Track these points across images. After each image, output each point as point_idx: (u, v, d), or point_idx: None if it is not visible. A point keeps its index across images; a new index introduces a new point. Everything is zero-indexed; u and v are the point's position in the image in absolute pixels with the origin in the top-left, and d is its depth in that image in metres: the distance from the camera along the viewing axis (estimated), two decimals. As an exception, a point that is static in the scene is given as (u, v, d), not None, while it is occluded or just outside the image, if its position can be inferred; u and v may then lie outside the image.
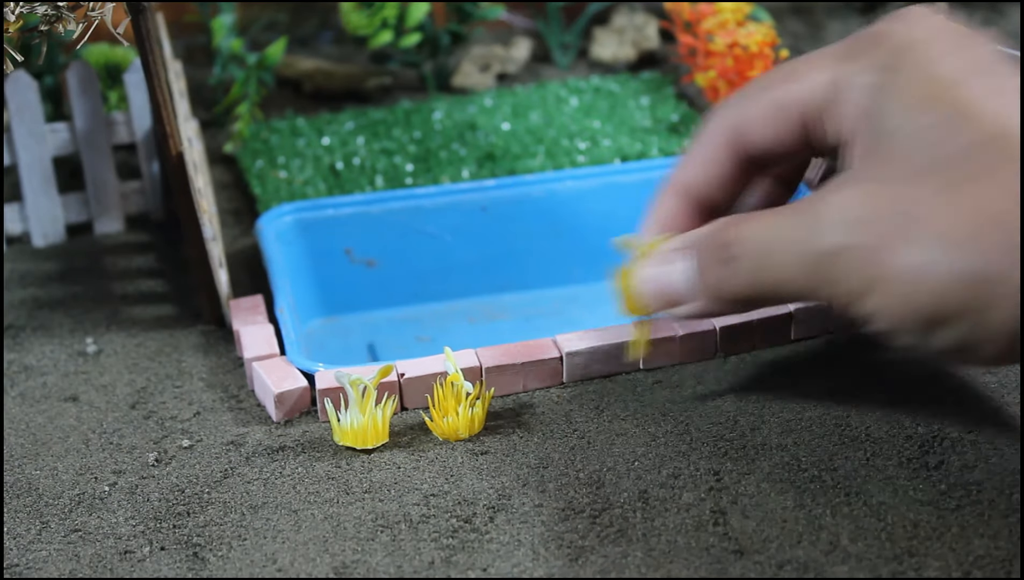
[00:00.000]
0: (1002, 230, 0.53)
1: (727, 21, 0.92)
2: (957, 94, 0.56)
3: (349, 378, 0.66)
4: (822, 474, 0.63)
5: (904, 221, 0.54)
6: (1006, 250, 0.52)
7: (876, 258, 0.55)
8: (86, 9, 0.68)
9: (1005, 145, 0.54)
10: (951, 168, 0.54)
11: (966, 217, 0.53)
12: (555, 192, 0.83)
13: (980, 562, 0.57)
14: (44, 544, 0.62)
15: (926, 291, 0.54)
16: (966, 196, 0.54)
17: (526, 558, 0.59)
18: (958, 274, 0.53)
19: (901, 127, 0.57)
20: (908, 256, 0.54)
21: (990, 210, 0.53)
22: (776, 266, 0.58)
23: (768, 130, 0.62)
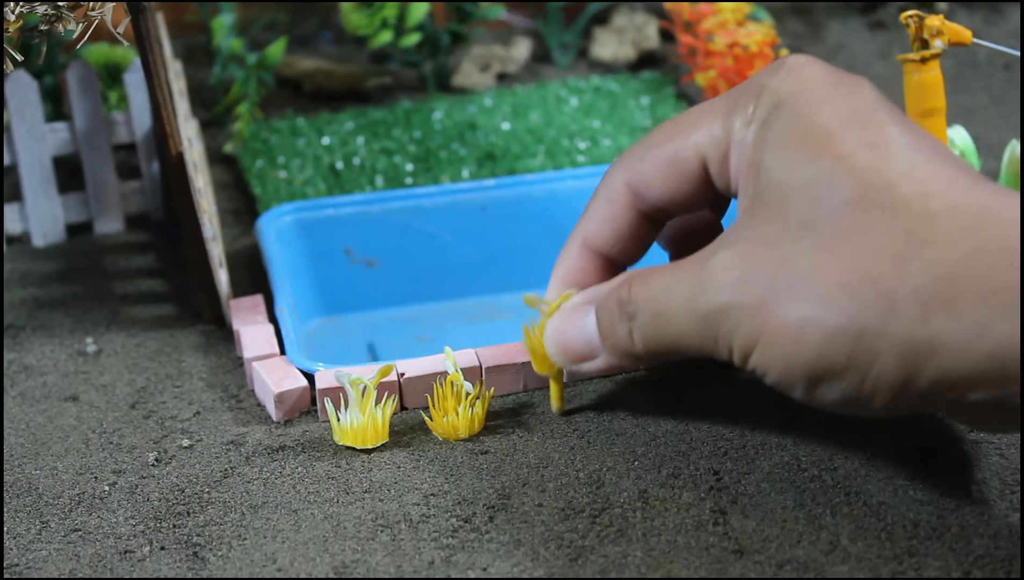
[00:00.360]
0: (876, 287, 0.54)
1: (727, 21, 0.92)
2: (831, 149, 0.57)
3: (349, 378, 0.66)
4: (822, 474, 0.63)
5: (784, 279, 0.56)
6: (881, 307, 0.54)
7: (759, 316, 0.56)
8: (86, 9, 0.68)
9: (877, 201, 0.55)
10: (826, 225, 0.56)
11: (841, 275, 0.55)
12: (555, 192, 0.83)
13: (980, 562, 0.57)
14: (44, 544, 0.62)
15: (806, 348, 0.55)
16: (841, 254, 0.55)
17: (526, 558, 0.59)
18: (835, 332, 0.55)
19: (780, 183, 0.58)
20: (787, 314, 0.55)
21: (864, 268, 0.54)
22: (671, 325, 0.59)
23: (665, 186, 0.63)
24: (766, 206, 0.58)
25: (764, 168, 0.58)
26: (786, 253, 0.56)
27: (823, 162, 0.57)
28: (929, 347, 0.53)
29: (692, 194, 0.63)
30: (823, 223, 0.56)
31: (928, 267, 0.53)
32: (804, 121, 0.58)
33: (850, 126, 0.57)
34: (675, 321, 0.59)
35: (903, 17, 0.71)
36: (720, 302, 0.57)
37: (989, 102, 0.97)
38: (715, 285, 0.57)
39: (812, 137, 0.57)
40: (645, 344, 0.61)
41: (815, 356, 0.55)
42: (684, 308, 0.59)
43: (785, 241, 0.56)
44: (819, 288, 0.55)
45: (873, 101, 0.59)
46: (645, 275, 0.61)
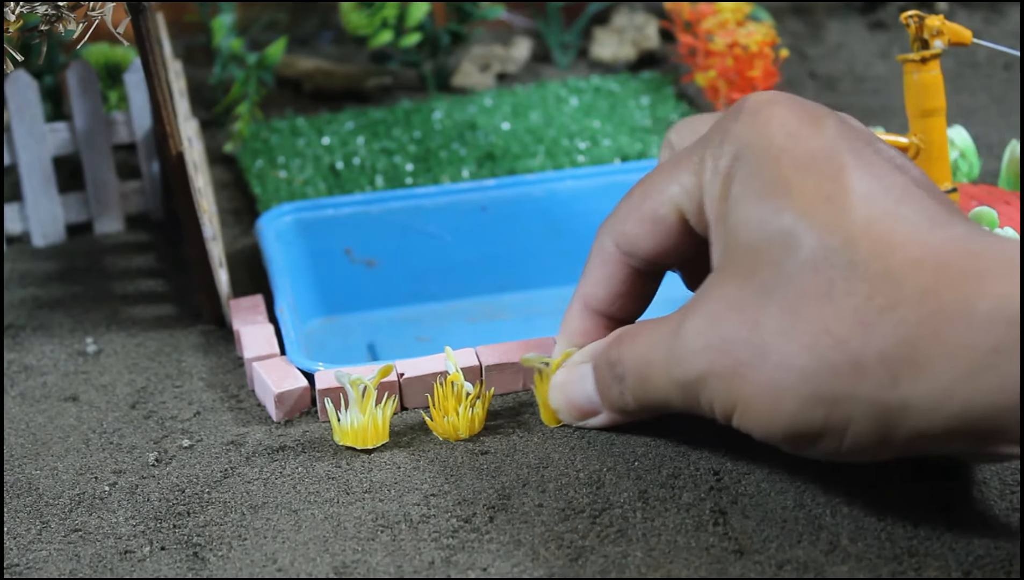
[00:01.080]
0: (843, 352, 0.54)
1: (727, 21, 0.92)
2: (790, 204, 0.56)
3: (349, 378, 0.66)
4: (822, 474, 0.62)
5: (752, 347, 0.56)
6: (849, 371, 0.54)
7: (733, 384, 0.57)
8: (86, 9, 0.68)
9: (837, 261, 0.55)
10: (789, 288, 0.55)
11: (808, 341, 0.55)
12: (555, 192, 0.83)
13: (980, 562, 0.57)
14: (44, 544, 0.62)
15: (781, 415, 0.56)
16: (806, 319, 0.55)
17: (526, 558, 0.59)
18: (807, 399, 0.55)
19: (744, 242, 0.57)
20: (759, 383, 0.56)
21: (830, 332, 0.54)
22: (655, 389, 0.61)
23: (651, 242, 0.63)
24: (733, 266, 0.58)
25: (729, 225, 0.58)
26: (754, 317, 0.56)
27: (782, 219, 0.56)
28: (901, 409, 0.54)
29: (679, 246, 0.62)
30: (786, 285, 0.56)
31: (892, 330, 0.53)
32: (763, 174, 0.57)
33: (808, 176, 0.57)
34: (658, 387, 0.60)
35: (903, 17, 0.71)
36: (694, 372, 0.58)
37: (989, 102, 0.97)
38: (687, 354, 0.58)
39: (771, 191, 0.57)
40: (637, 404, 0.62)
41: (791, 422, 0.56)
42: (663, 375, 0.60)
43: (752, 304, 0.56)
44: (788, 355, 0.55)
45: (835, 141, 0.58)
46: (631, 336, 0.62)
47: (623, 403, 0.63)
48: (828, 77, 1.02)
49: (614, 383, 0.63)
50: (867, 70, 1.02)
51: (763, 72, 0.90)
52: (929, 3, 1.08)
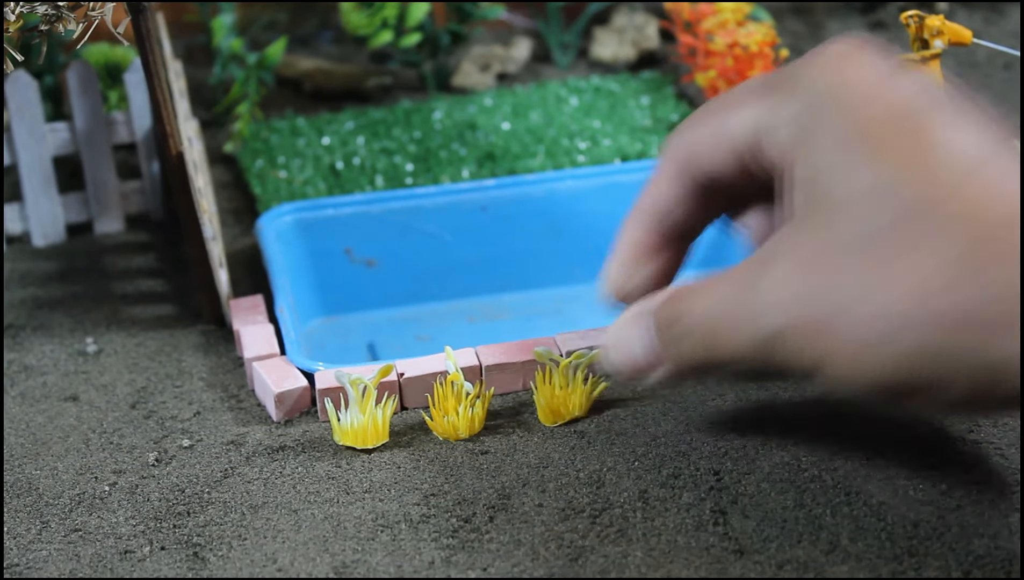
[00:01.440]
0: (946, 302, 0.52)
1: (727, 21, 0.92)
2: (879, 156, 0.54)
3: (349, 378, 0.66)
4: (822, 474, 0.63)
5: (847, 298, 0.54)
6: (950, 324, 0.52)
7: (823, 338, 0.54)
8: (86, 9, 0.68)
9: (930, 215, 0.53)
10: (880, 241, 0.54)
11: (901, 296, 0.53)
12: (555, 192, 0.83)
13: (980, 562, 0.57)
14: (44, 544, 0.62)
15: (877, 369, 0.53)
16: (898, 273, 0.53)
17: (526, 558, 0.59)
18: (900, 355, 0.53)
19: (828, 192, 0.55)
20: (849, 338, 0.53)
21: (930, 284, 0.52)
22: (726, 345, 0.57)
23: (711, 156, 0.61)
24: (815, 216, 0.55)
25: (810, 173, 0.56)
26: (842, 269, 0.54)
27: (872, 171, 0.54)
28: (1003, 362, 0.52)
29: (734, 169, 0.61)
30: (877, 239, 0.54)
31: (987, 287, 0.52)
32: (849, 121, 0.55)
33: (898, 129, 0.55)
34: (730, 342, 0.57)
35: (903, 17, 0.71)
36: (776, 326, 0.55)
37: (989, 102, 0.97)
38: (771, 307, 0.55)
39: (859, 141, 0.55)
40: (700, 361, 0.59)
41: (885, 377, 0.53)
42: (738, 330, 0.56)
43: (839, 255, 0.54)
44: (880, 309, 0.53)
45: (924, 93, 0.56)
46: (697, 291, 0.59)
47: (685, 360, 0.59)
48: (828, 77, 1.01)
49: (676, 339, 0.59)
50: (867, 70, 1.02)
51: (763, 72, 0.90)
52: (929, 3, 1.08)
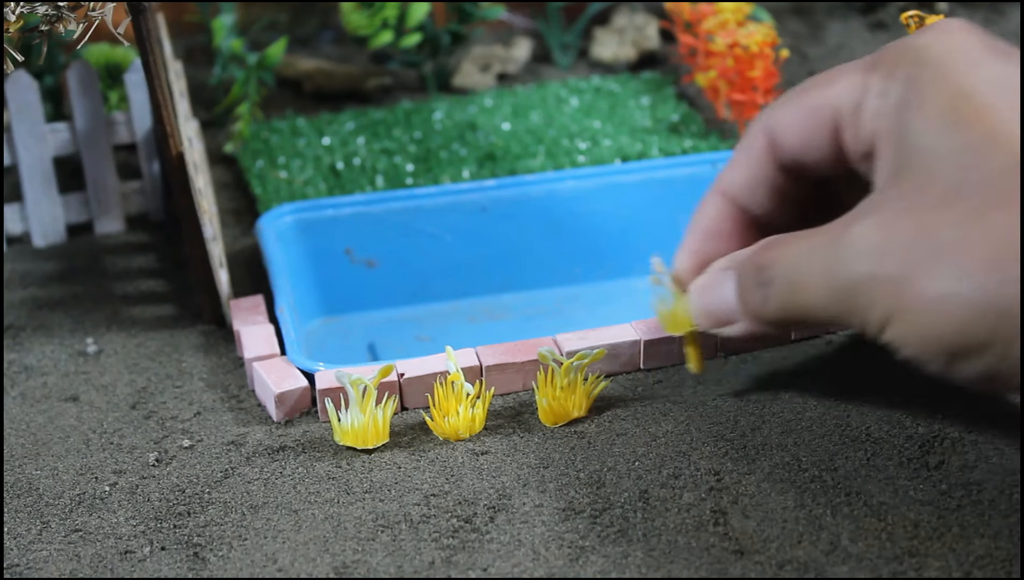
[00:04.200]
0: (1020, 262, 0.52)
1: (727, 21, 0.92)
2: (983, 115, 0.55)
3: (349, 378, 0.66)
4: (822, 474, 0.63)
5: (926, 251, 0.54)
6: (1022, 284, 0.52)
7: (898, 289, 0.54)
8: (86, 9, 0.68)
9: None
10: (975, 195, 0.54)
11: (989, 248, 0.52)
12: (555, 192, 0.83)
13: (980, 562, 0.57)
14: (44, 544, 0.62)
15: (947, 323, 0.53)
16: (990, 226, 0.53)
17: (526, 558, 0.59)
18: (980, 307, 0.52)
19: (926, 147, 0.56)
20: (930, 287, 0.53)
21: (1014, 241, 0.52)
22: (805, 293, 0.58)
23: (800, 134, 0.61)
24: (910, 173, 0.56)
25: (909, 132, 0.56)
26: (930, 223, 0.54)
27: (973, 130, 0.55)
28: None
29: (824, 147, 0.61)
30: (971, 193, 0.54)
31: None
32: (953, 85, 0.56)
33: (1002, 94, 0.55)
34: (810, 291, 0.57)
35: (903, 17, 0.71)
36: (857, 274, 0.55)
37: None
38: (853, 256, 0.55)
39: (962, 102, 0.55)
40: (779, 312, 0.59)
41: (955, 332, 0.53)
42: (819, 278, 0.57)
43: (930, 210, 0.54)
44: (964, 262, 0.53)
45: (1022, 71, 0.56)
46: (784, 241, 0.59)
47: (765, 311, 0.60)
48: (828, 77, 1.02)
49: (759, 288, 0.60)
50: (867, 70, 1.02)
51: (763, 72, 0.90)
52: (929, 3, 1.08)
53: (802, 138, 0.62)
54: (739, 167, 0.64)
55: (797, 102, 0.62)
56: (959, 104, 0.56)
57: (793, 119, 0.62)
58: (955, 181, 0.54)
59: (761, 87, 0.90)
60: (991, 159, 0.54)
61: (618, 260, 0.83)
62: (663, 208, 0.83)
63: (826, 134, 0.61)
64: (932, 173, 0.55)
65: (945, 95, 0.56)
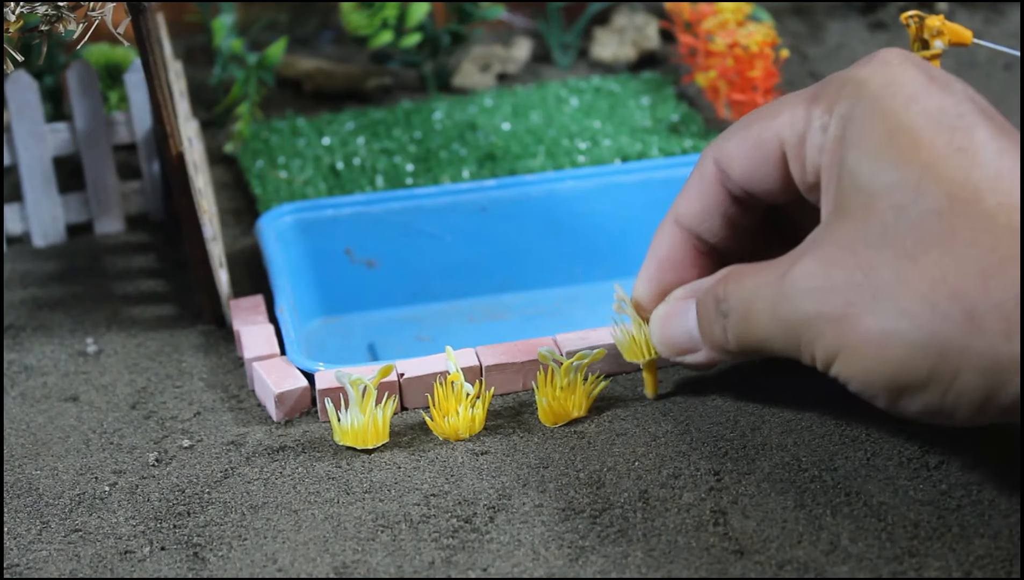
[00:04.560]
0: (959, 302, 0.53)
1: (727, 21, 0.92)
2: (918, 152, 0.56)
3: (349, 378, 0.66)
4: (822, 474, 0.63)
5: (866, 290, 0.55)
6: (963, 322, 0.53)
7: (841, 327, 0.56)
8: (86, 9, 0.68)
9: (962, 211, 0.54)
10: (910, 235, 0.55)
11: (924, 289, 0.54)
12: (555, 192, 0.83)
13: (980, 562, 0.57)
14: (44, 544, 0.62)
15: (889, 361, 0.55)
16: (924, 266, 0.54)
17: (526, 558, 0.59)
18: (917, 346, 0.54)
19: (864, 184, 0.57)
20: (871, 326, 0.55)
21: (947, 282, 0.54)
22: (758, 327, 0.59)
23: (748, 166, 0.63)
24: (850, 209, 0.57)
25: (848, 168, 0.57)
26: (869, 261, 0.55)
27: (909, 167, 0.55)
28: (1012, 365, 0.53)
29: (772, 178, 0.62)
30: (907, 232, 0.55)
31: (1011, 284, 0.53)
32: (890, 119, 0.57)
33: (938, 128, 0.56)
34: (761, 325, 0.59)
35: (903, 17, 0.71)
36: (802, 312, 0.57)
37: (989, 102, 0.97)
38: (797, 294, 0.57)
39: (898, 138, 0.56)
40: (737, 343, 0.61)
41: (896, 370, 0.55)
42: (769, 314, 0.59)
43: (868, 248, 0.56)
44: (902, 301, 0.54)
45: (963, 101, 0.57)
46: (740, 274, 0.61)
47: (723, 341, 0.62)
48: (828, 77, 1.02)
49: (717, 319, 0.62)
50: (867, 70, 1.02)
51: (763, 72, 0.90)
52: (929, 3, 1.08)
53: (750, 170, 0.63)
54: (692, 197, 0.65)
55: (744, 134, 0.63)
56: (895, 140, 0.57)
57: (740, 151, 0.63)
58: (891, 219, 0.56)
59: (761, 87, 0.90)
60: (924, 198, 0.55)
61: (618, 260, 0.83)
62: (663, 208, 0.83)
63: (773, 166, 0.62)
64: (870, 210, 0.56)
65: (881, 131, 0.57)
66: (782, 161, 0.61)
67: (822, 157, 0.59)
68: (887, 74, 0.58)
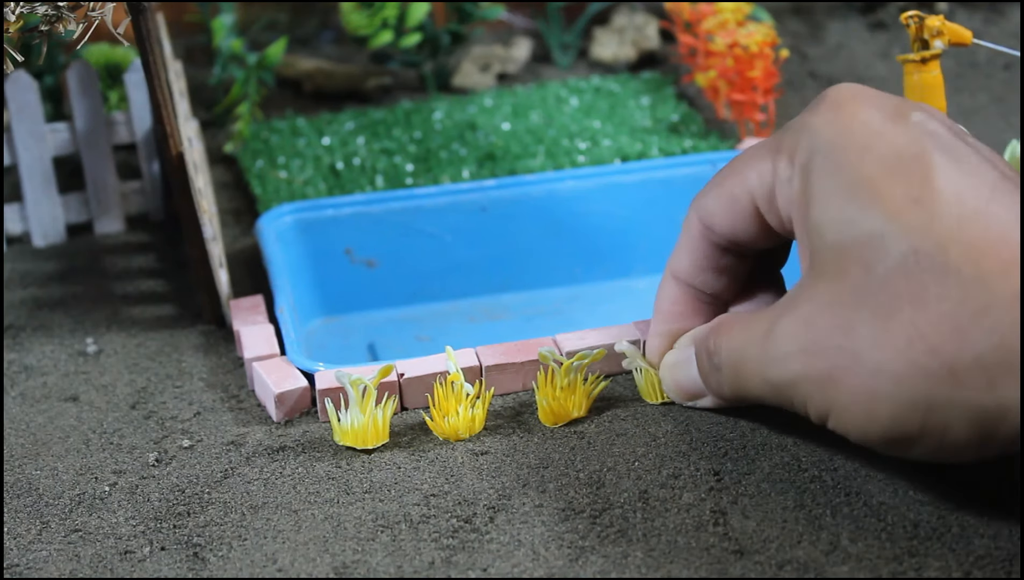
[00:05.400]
0: (938, 357, 0.54)
1: (727, 21, 0.92)
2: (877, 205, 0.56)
3: (349, 378, 0.66)
4: (822, 474, 0.63)
5: (846, 352, 0.56)
6: (945, 376, 0.54)
7: (827, 388, 0.57)
8: (86, 9, 0.68)
9: (929, 265, 0.54)
10: (882, 293, 0.55)
11: (902, 347, 0.54)
12: (555, 192, 0.83)
13: (980, 562, 0.57)
14: (44, 544, 0.62)
15: (878, 419, 0.56)
16: (900, 324, 0.55)
17: (526, 558, 0.59)
18: (904, 405, 0.55)
19: (831, 242, 0.57)
20: (855, 387, 0.56)
21: (924, 339, 0.54)
22: (748, 384, 0.61)
23: (727, 220, 0.63)
24: (822, 267, 0.57)
25: (816, 225, 0.58)
26: (846, 321, 0.56)
27: (870, 222, 0.56)
28: (999, 411, 0.53)
29: (752, 229, 0.63)
30: (879, 290, 0.55)
31: (986, 335, 0.53)
32: (847, 172, 0.57)
33: (894, 177, 0.56)
34: (752, 384, 0.60)
35: (903, 17, 0.71)
36: (787, 376, 0.58)
37: (989, 102, 0.97)
38: (780, 357, 0.58)
39: (856, 191, 0.56)
40: (732, 394, 0.63)
41: (888, 426, 0.56)
42: (756, 374, 0.60)
43: (844, 308, 0.56)
44: (882, 361, 0.55)
45: (920, 138, 0.57)
46: (728, 327, 0.62)
47: (720, 391, 0.63)
48: (828, 77, 1.02)
49: (712, 371, 0.63)
50: (867, 70, 1.02)
51: (763, 72, 0.90)
52: (929, 3, 1.08)
53: (730, 224, 0.63)
54: (683, 252, 0.66)
55: (719, 190, 0.63)
56: (854, 194, 0.57)
57: (717, 206, 0.63)
58: (862, 277, 0.56)
59: (761, 87, 0.90)
60: (890, 255, 0.55)
61: (618, 260, 0.83)
62: (663, 208, 0.83)
63: (750, 219, 0.63)
64: (840, 268, 0.57)
65: (839, 185, 0.57)
66: (758, 214, 0.62)
67: (791, 210, 0.60)
68: (839, 121, 0.58)
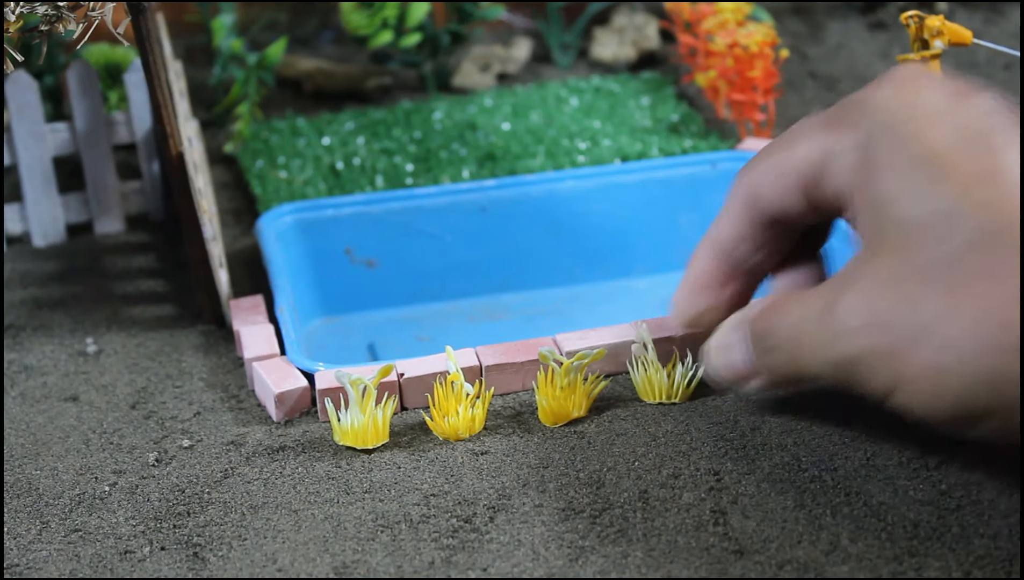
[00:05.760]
0: (1009, 333, 0.53)
1: (727, 21, 0.92)
2: (951, 176, 0.55)
3: (349, 378, 0.66)
4: (822, 474, 0.63)
5: (916, 325, 0.55)
6: (1015, 353, 0.53)
7: (894, 364, 0.56)
8: (86, 9, 0.68)
9: (998, 242, 0.54)
10: (951, 267, 0.54)
11: (972, 321, 0.54)
12: (555, 192, 0.83)
13: (980, 562, 0.57)
14: (44, 544, 0.62)
15: (945, 395, 0.55)
16: (969, 298, 0.54)
17: (526, 558, 0.59)
18: (975, 379, 0.54)
19: (899, 215, 0.56)
20: (922, 363, 0.55)
21: (996, 314, 0.53)
22: (807, 363, 0.59)
23: (773, 194, 0.62)
24: (888, 241, 0.57)
25: (877, 199, 0.57)
26: (914, 296, 0.55)
27: (939, 198, 0.55)
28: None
29: (798, 205, 0.62)
30: (947, 265, 0.55)
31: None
32: (913, 146, 0.56)
33: (963, 153, 0.56)
34: (809, 363, 0.59)
35: (903, 17, 0.71)
36: (851, 351, 0.57)
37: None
38: (844, 332, 0.57)
39: (924, 166, 0.56)
40: (787, 375, 0.61)
41: (955, 402, 0.55)
42: (815, 353, 0.58)
43: (910, 282, 0.55)
44: (952, 335, 0.54)
45: (986, 116, 0.57)
46: (782, 307, 0.61)
47: (775, 372, 0.62)
48: (828, 77, 1.02)
49: (765, 353, 0.61)
50: (867, 70, 1.02)
51: (763, 72, 0.90)
52: (929, 3, 1.08)
53: (777, 197, 0.63)
54: (725, 222, 0.65)
55: (767, 163, 0.62)
56: (922, 168, 0.56)
57: (766, 180, 0.63)
58: (929, 253, 0.55)
59: (761, 87, 0.90)
60: (960, 230, 0.55)
61: (618, 260, 0.83)
62: (663, 208, 0.83)
63: (798, 194, 0.62)
64: (906, 243, 0.56)
65: (906, 159, 0.56)
66: (805, 189, 0.61)
67: (850, 187, 0.59)
68: (904, 96, 0.58)
